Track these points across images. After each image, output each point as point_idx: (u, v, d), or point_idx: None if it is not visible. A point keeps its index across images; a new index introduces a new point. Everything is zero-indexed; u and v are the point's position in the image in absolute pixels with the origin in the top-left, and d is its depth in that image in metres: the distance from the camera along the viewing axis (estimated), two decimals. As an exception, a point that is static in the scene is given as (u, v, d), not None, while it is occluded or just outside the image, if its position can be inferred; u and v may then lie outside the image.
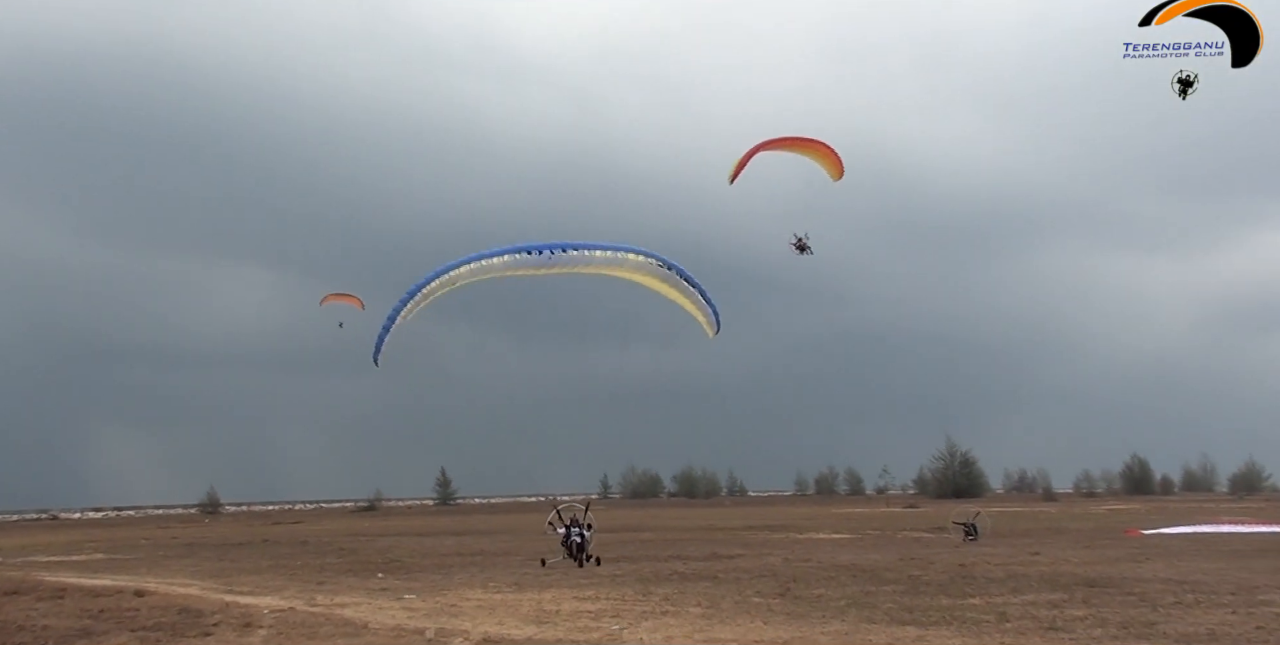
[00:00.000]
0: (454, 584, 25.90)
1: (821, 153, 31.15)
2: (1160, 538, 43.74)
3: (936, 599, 20.97)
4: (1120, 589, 22.33)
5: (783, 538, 47.07)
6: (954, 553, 34.85)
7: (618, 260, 27.10)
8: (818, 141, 31.48)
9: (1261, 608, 18.96)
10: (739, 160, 30.98)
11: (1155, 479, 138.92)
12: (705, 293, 28.49)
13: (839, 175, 31.77)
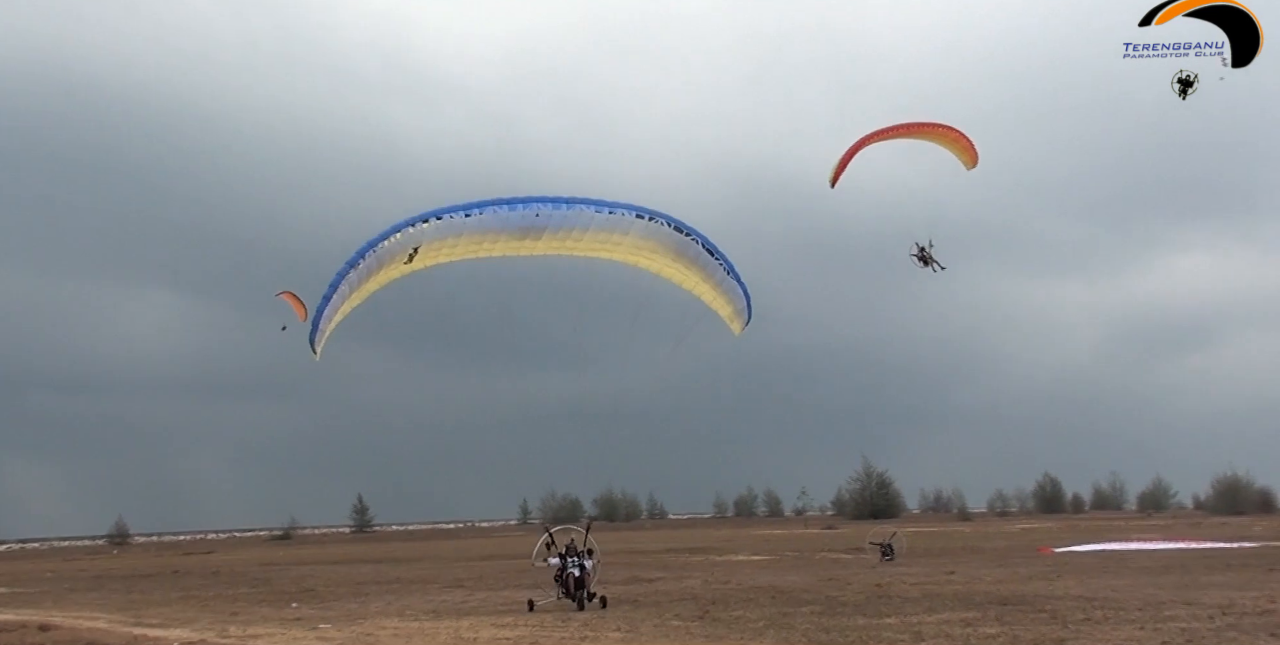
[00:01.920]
0: (370, 612, 25.50)
1: (951, 138, 28.97)
2: (1071, 555, 44.60)
3: (853, 619, 21.13)
4: (1032, 606, 22.70)
5: (702, 560, 47.17)
6: (871, 573, 35.18)
7: (621, 226, 21.50)
8: (944, 126, 29.22)
9: (1167, 623, 19.40)
10: (841, 158, 28.56)
11: (1067, 498, 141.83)
12: (735, 270, 23.13)
13: (973, 162, 29.69)
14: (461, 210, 20.40)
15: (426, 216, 20.40)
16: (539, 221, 20.74)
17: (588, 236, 21.34)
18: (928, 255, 31.80)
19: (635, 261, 22.51)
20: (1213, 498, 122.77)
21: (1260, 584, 27.23)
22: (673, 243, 21.90)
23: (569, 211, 20.84)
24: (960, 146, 28.90)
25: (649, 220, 21.60)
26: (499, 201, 20.66)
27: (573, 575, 24.35)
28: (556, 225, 20.92)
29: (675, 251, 22.09)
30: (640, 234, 21.65)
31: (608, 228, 21.33)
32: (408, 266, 20.90)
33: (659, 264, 22.52)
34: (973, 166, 29.59)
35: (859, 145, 27.99)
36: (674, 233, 21.87)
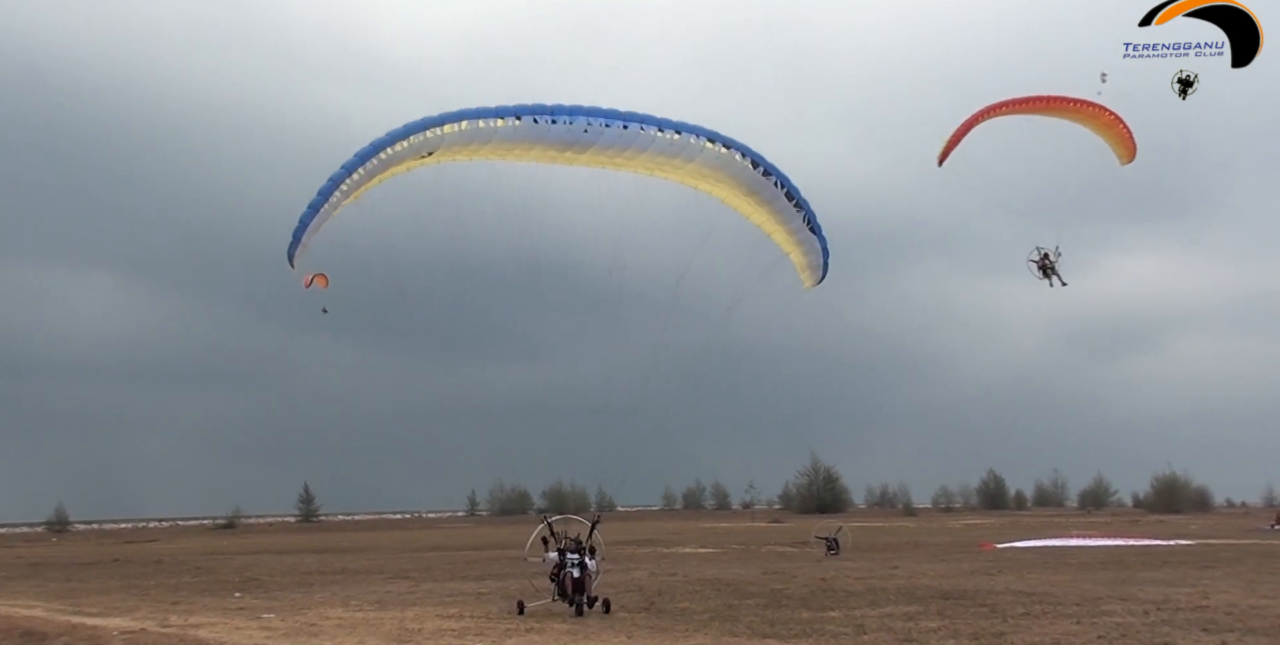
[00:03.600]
0: (314, 603, 25.36)
1: (1104, 122, 25.67)
2: (1012, 551, 45.24)
3: (797, 612, 21.33)
4: (973, 601, 23.03)
5: (649, 552, 47.30)
6: (816, 567, 35.50)
7: (687, 149, 18.70)
8: (1097, 106, 25.61)
9: (1103, 618, 19.78)
10: (955, 132, 25.96)
11: (1010, 494, 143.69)
12: (815, 219, 20.57)
13: (1130, 156, 26.34)
14: (494, 115, 17.83)
15: (449, 119, 17.79)
16: (586, 137, 18.25)
17: (644, 157, 18.94)
18: (1050, 265, 28.76)
19: (697, 186, 20.02)
20: (1151, 496, 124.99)
21: (1194, 580, 27.80)
22: (746, 178, 19.53)
23: (624, 131, 18.28)
24: (1116, 134, 26.02)
25: (721, 147, 19.02)
26: (539, 109, 18.04)
27: (571, 576, 20.90)
28: (607, 142, 18.42)
29: (748, 187, 19.70)
30: (707, 162, 19.18)
31: (669, 151, 18.76)
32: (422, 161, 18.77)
33: (726, 194, 20.13)
34: (1129, 160, 26.71)
35: (979, 117, 25.53)
36: (748, 167, 19.37)
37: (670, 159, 18.99)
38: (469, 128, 17.77)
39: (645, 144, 18.45)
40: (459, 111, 17.80)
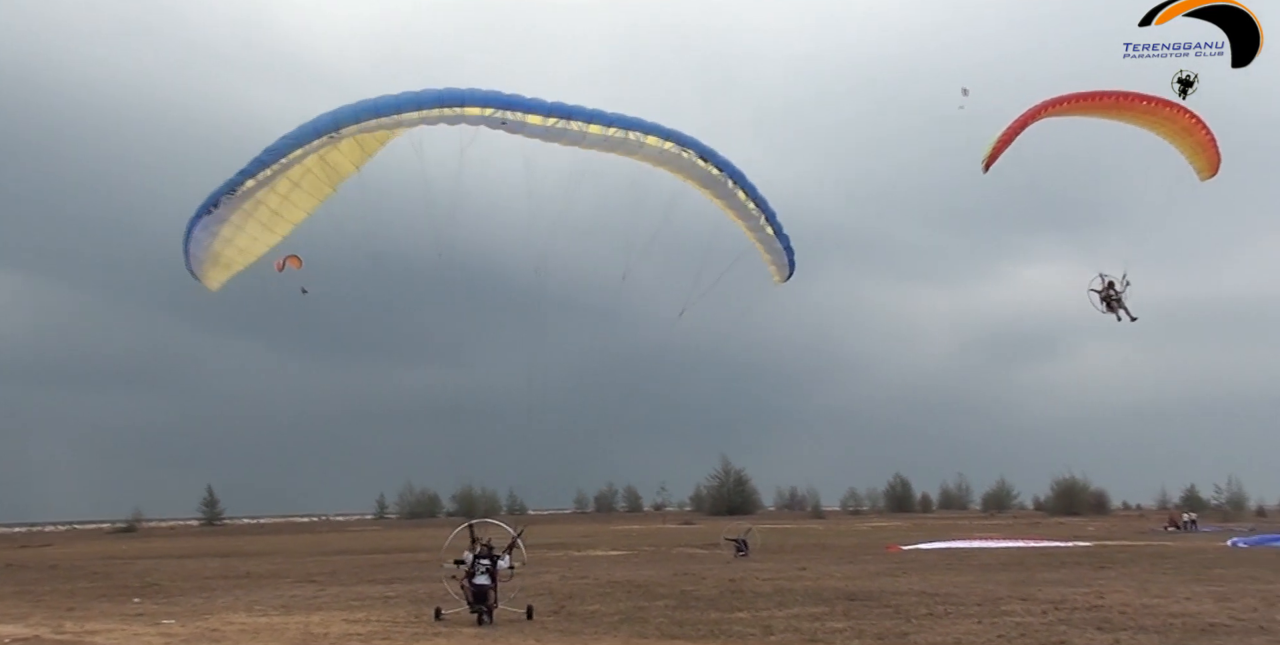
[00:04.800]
0: (217, 608, 24.85)
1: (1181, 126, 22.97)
2: (917, 553, 46.03)
3: (706, 613, 21.49)
4: (878, 602, 23.41)
5: (561, 555, 47.17)
6: (725, 568, 35.76)
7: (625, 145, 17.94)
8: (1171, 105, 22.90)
9: (1003, 617, 20.25)
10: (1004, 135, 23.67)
11: (916, 497, 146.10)
12: (775, 219, 19.96)
13: (1211, 170, 23.66)
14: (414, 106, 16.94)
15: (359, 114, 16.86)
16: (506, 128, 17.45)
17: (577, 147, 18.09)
18: (1116, 296, 26.41)
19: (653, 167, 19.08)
20: (1051, 499, 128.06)
21: (1091, 581, 28.59)
22: (696, 175, 18.90)
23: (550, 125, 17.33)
24: (1195, 141, 23.36)
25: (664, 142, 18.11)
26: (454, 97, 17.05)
27: (473, 584, 20.15)
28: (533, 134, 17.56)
29: (699, 183, 19.18)
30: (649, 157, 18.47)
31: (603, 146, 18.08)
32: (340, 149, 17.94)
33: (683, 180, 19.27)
34: (1210, 174, 23.88)
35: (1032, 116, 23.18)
36: (696, 163, 18.61)
37: (606, 153, 18.35)
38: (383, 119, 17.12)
39: (575, 139, 17.82)
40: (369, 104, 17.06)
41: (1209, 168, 24.23)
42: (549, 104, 17.52)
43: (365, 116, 17.20)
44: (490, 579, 20.18)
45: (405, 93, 17.38)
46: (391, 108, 17.18)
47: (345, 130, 17.19)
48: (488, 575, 20.17)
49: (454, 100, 17.29)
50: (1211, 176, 24.34)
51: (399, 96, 17.32)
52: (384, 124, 17.44)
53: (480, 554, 20.41)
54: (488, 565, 20.25)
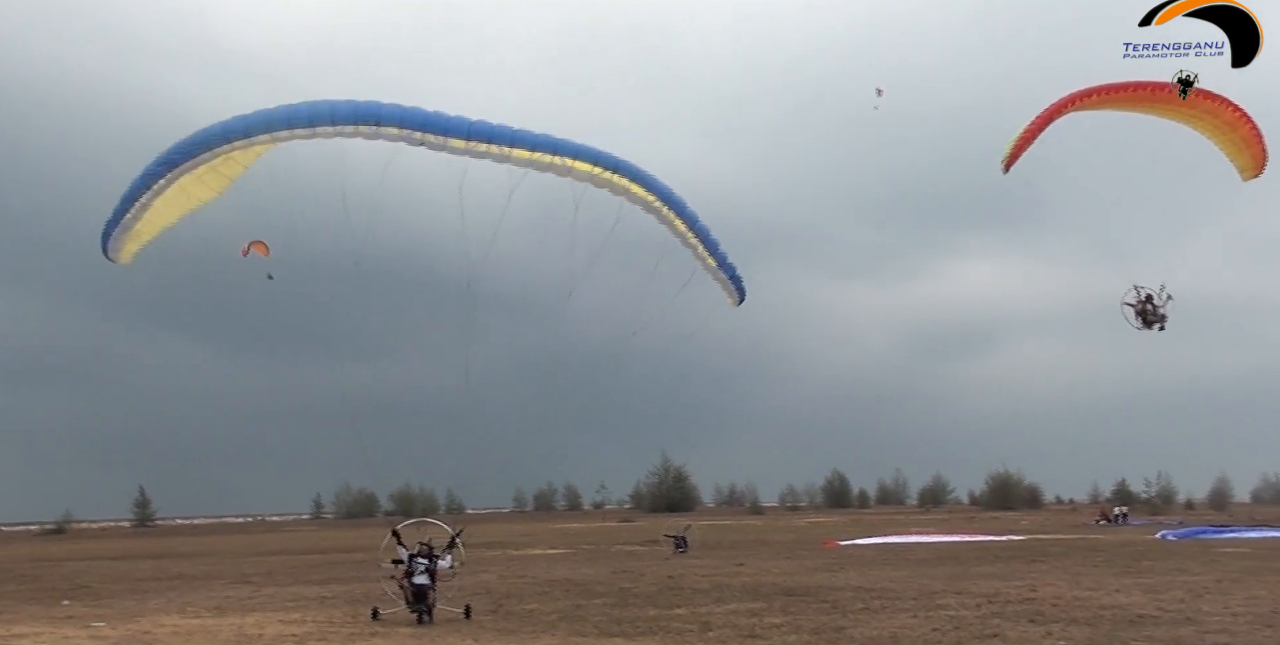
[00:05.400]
0: (148, 610, 24.41)
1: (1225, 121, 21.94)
2: (854, 548, 46.45)
3: (644, 610, 21.51)
4: (816, 597, 23.58)
5: (499, 554, 46.95)
6: (664, 565, 35.83)
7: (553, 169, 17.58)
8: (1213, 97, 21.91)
9: (938, 611, 20.50)
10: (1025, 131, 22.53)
11: (854, 493, 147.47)
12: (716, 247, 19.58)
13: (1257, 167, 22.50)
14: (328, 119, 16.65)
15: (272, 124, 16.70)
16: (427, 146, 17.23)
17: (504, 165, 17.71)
18: (1153, 310, 25.07)
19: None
20: (986, 494, 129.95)
21: (1024, 574, 29.04)
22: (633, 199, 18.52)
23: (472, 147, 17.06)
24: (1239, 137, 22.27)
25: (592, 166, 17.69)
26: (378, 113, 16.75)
27: (412, 584, 20.03)
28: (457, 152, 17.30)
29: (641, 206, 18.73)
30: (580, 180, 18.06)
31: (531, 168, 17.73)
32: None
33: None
34: (1254, 174, 22.85)
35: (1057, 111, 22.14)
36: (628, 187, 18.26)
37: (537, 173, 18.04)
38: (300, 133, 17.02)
39: (501, 160, 17.61)
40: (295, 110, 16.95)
41: (1253, 166, 23.12)
42: (470, 126, 17.24)
43: (278, 127, 17.03)
44: (430, 578, 20.13)
45: (323, 103, 17.13)
46: (305, 120, 16.99)
47: (258, 138, 17.04)
48: (427, 575, 20.11)
49: (370, 117, 17.11)
50: (1255, 176, 23.18)
51: (315, 108, 17.05)
52: (298, 135, 17.21)
53: (419, 553, 20.34)
54: (427, 565, 20.19)
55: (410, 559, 20.26)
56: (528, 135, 17.59)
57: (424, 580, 20.06)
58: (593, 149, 18.10)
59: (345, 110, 17.06)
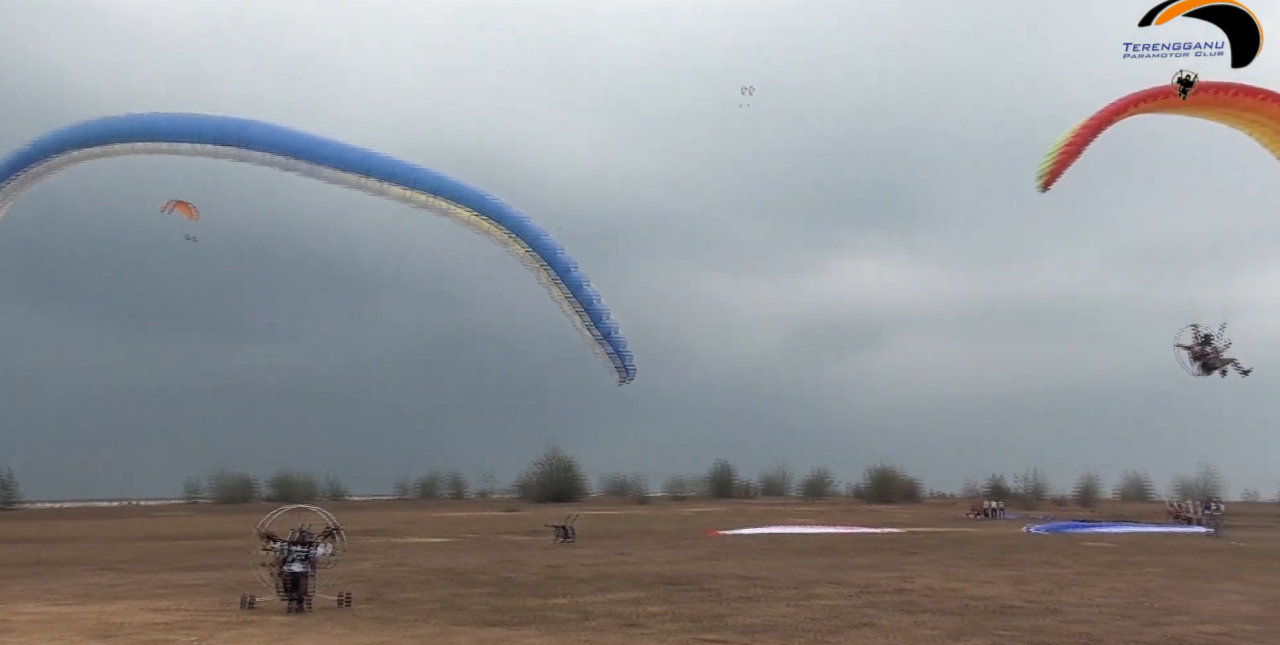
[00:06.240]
0: (7, 597, 23.48)
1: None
2: (736, 538, 46.99)
3: (525, 600, 21.43)
4: (696, 586, 23.78)
5: (380, 542, 46.33)
6: (547, 555, 35.76)
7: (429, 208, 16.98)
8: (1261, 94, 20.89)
9: (815, 600, 20.84)
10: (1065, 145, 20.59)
11: (739, 483, 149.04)
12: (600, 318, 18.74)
13: None
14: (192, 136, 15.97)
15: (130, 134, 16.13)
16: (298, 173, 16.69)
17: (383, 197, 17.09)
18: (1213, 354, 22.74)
19: None
20: (866, 487, 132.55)
21: (899, 566, 29.71)
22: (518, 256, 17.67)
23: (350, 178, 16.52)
24: None
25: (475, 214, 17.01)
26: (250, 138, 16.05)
27: (291, 572, 19.64)
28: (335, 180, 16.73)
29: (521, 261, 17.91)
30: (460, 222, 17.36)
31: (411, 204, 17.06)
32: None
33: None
34: None
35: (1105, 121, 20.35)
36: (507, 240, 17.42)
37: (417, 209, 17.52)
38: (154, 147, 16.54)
39: (376, 193, 17.17)
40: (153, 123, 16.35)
41: None
42: (346, 156, 16.68)
43: (135, 138, 16.42)
44: (309, 567, 19.83)
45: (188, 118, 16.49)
46: (164, 134, 16.38)
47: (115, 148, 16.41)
48: (303, 563, 19.81)
49: (237, 140, 16.48)
50: None
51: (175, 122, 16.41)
52: (154, 148, 16.60)
53: (295, 540, 19.99)
54: (303, 552, 19.88)
55: (285, 546, 19.86)
56: (406, 171, 16.95)
57: (300, 568, 19.73)
58: (477, 194, 17.42)
59: (211, 129, 16.38)
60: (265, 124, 16.79)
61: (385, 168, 16.79)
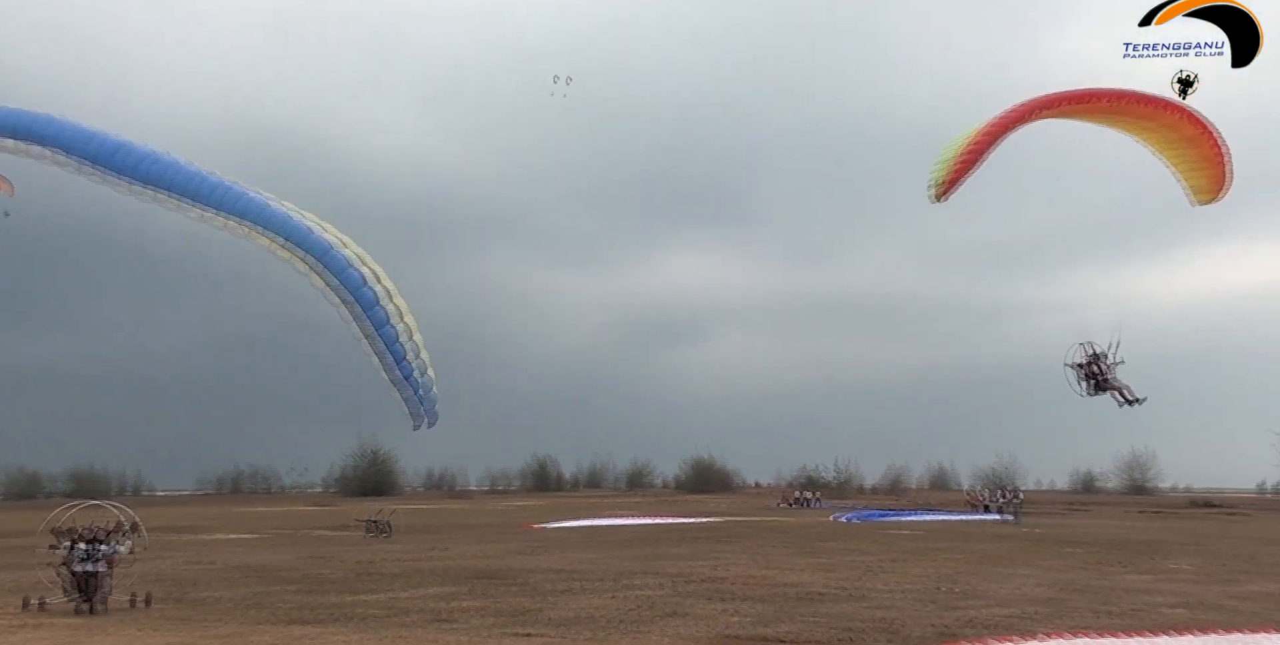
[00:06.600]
0: None
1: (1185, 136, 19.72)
2: (554, 531, 46.95)
3: (335, 596, 20.93)
4: (511, 580, 23.65)
5: (186, 540, 44.55)
6: (358, 550, 35.01)
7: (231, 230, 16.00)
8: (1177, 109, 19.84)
9: (630, 591, 21.01)
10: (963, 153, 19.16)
11: (560, 476, 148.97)
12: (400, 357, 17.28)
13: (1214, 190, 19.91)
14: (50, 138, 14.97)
15: None
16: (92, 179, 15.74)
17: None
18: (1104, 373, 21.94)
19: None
20: (685, 477, 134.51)
21: (714, 555, 30.25)
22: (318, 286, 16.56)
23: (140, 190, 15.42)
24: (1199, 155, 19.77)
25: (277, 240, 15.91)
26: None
27: (84, 571, 18.80)
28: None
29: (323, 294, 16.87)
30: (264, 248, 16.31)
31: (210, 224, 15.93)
32: None
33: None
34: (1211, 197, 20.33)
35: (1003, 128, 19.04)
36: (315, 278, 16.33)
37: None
38: None
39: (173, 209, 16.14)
40: None
41: (1210, 188, 20.73)
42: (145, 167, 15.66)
43: None
44: (104, 565, 19.00)
45: None
46: None
47: None
48: (96, 561, 18.94)
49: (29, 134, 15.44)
50: (1212, 200, 20.84)
51: None
52: None
53: (86, 538, 19.16)
54: (94, 551, 19.01)
55: (73, 545, 18.96)
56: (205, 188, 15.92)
57: (92, 567, 18.84)
58: (280, 216, 16.30)
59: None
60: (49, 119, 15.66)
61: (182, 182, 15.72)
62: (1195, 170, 20.60)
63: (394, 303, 17.24)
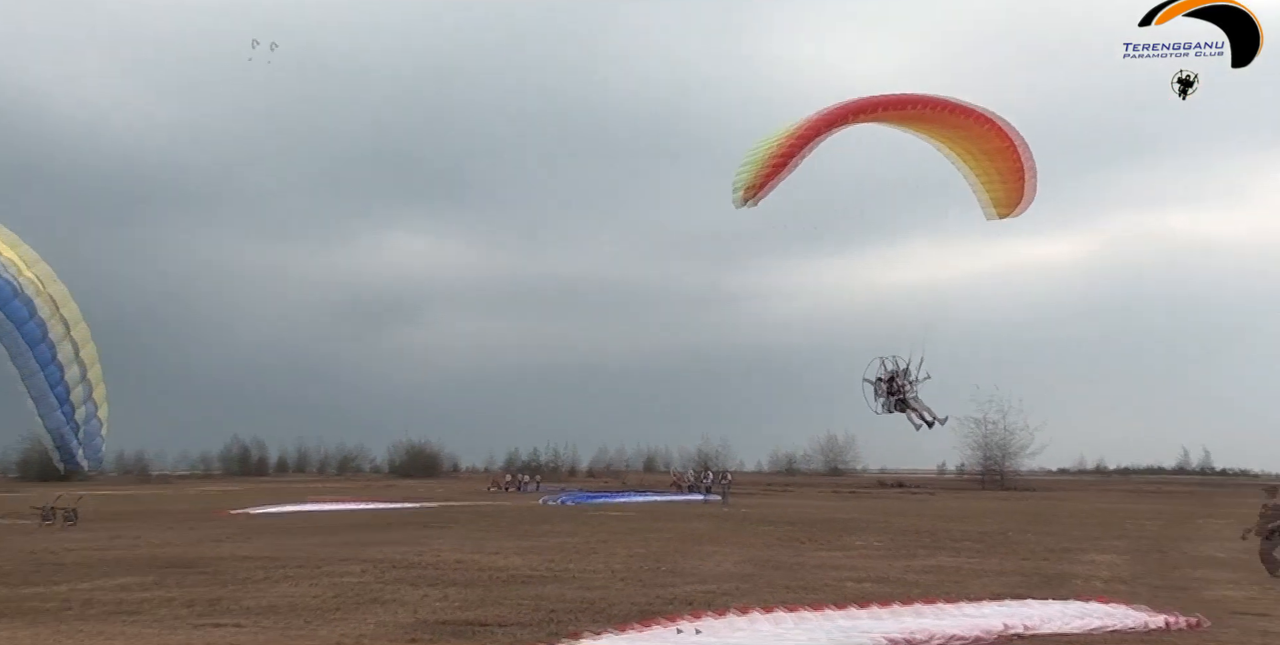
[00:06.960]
0: None
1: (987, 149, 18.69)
2: (254, 517, 45.05)
3: (3, 590, 19.14)
4: (198, 568, 22.37)
5: None
6: (31, 539, 32.31)
7: None
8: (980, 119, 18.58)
9: (326, 578, 20.29)
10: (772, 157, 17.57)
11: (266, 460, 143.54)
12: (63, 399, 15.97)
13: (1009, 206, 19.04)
14: None
15: None
16: None
17: None
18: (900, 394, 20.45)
19: None
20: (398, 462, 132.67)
21: (421, 540, 29.81)
22: None
23: None
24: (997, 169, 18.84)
25: None
26: None
27: None
28: None
29: None
30: None
31: None
32: None
33: None
34: (1006, 212, 19.52)
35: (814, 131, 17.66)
36: None
37: None
38: None
39: None
40: None
41: (1009, 202, 20.10)
42: None
43: None
44: None
45: None
46: None
47: None
48: None
49: None
50: (1007, 215, 20.21)
51: None
52: None
53: None
54: None
55: None
56: None
57: None
58: None
59: None
60: None
61: None
62: (996, 183, 20.02)
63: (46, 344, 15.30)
